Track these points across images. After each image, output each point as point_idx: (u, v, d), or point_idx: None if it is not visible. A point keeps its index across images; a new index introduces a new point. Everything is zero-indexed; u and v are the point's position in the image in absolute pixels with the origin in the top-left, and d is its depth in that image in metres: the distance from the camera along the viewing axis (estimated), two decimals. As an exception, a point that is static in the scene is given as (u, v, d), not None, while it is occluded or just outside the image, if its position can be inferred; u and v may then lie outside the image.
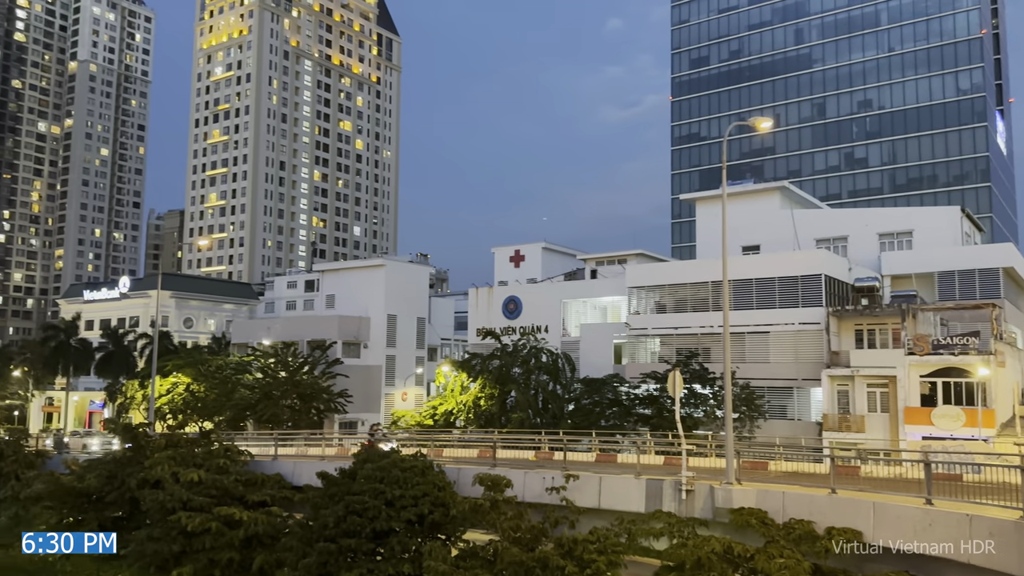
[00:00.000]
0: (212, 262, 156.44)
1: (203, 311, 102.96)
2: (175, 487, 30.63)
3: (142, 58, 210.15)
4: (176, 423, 59.41)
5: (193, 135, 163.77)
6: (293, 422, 57.54)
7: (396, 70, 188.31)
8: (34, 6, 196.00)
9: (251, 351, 70.02)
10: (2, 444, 42.32)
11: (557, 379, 52.65)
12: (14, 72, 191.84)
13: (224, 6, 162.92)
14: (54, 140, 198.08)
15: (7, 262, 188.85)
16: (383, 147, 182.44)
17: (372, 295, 77.72)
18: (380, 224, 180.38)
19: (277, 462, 37.77)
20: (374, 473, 27.91)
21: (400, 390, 77.33)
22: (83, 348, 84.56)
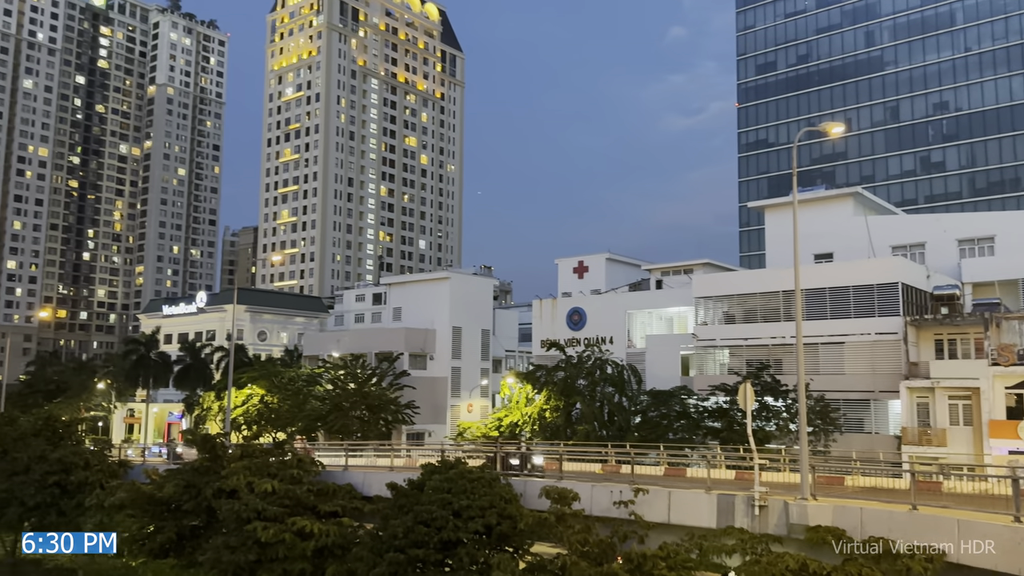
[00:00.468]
0: (284, 277, 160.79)
1: (276, 324, 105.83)
2: (250, 497, 31.45)
3: (216, 80, 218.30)
4: (251, 434, 61.04)
5: (265, 154, 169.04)
6: (362, 433, 58.48)
7: (459, 85, 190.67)
8: (116, 34, 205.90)
9: (321, 363, 71.57)
10: (88, 454, 44.17)
11: (623, 391, 52.13)
12: (97, 97, 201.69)
13: (294, 28, 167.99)
14: (135, 161, 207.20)
15: (91, 279, 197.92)
16: (447, 161, 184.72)
17: (437, 307, 78.55)
18: (445, 237, 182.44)
19: (348, 472, 38.43)
20: (441, 484, 28.14)
21: (466, 402, 77.80)
22: (162, 361, 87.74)
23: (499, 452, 34.80)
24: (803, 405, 26.60)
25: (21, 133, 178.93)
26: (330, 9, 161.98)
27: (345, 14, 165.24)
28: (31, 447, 44.00)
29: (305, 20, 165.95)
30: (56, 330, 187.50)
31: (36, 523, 42.53)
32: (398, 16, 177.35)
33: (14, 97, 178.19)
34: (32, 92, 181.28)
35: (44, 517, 41.68)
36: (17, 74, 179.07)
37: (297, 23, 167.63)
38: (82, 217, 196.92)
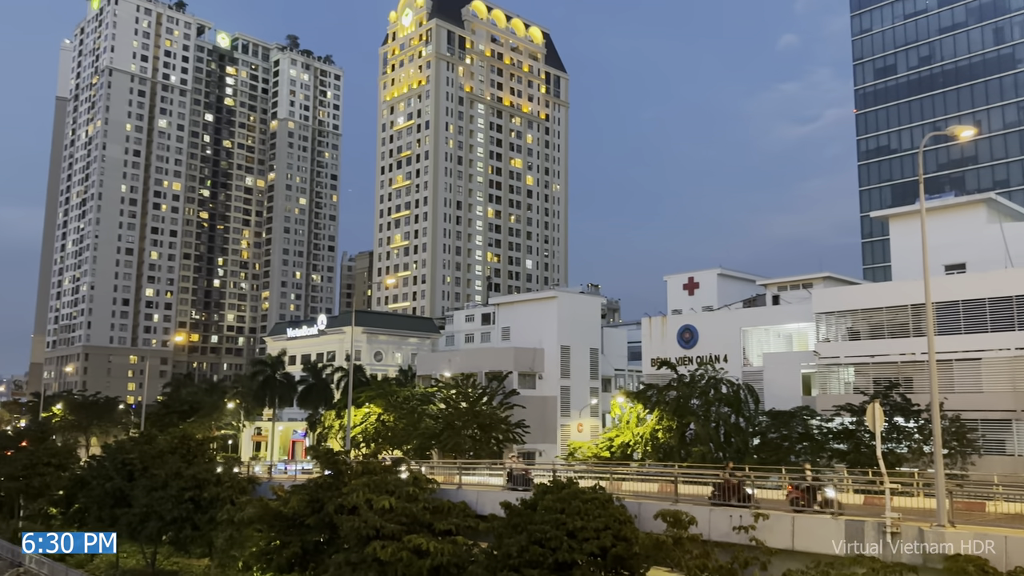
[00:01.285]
0: (398, 299, 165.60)
1: (391, 345, 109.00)
2: (369, 514, 32.33)
3: (333, 113, 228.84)
4: (369, 451, 62.86)
5: (379, 181, 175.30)
6: (475, 451, 59.13)
7: (564, 106, 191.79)
8: (240, 73, 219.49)
9: (434, 382, 73.01)
10: (219, 471, 46.60)
11: (739, 411, 50.44)
12: (225, 133, 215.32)
13: (404, 60, 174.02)
14: (259, 192, 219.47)
15: (221, 304, 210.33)
16: (552, 181, 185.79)
17: (545, 327, 78.71)
18: (551, 256, 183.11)
19: (461, 491, 38.89)
20: (555, 504, 28.03)
21: (575, 421, 77.36)
22: (287, 382, 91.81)
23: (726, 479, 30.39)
24: (937, 425, 24.95)
25: (157, 169, 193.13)
26: (438, 39, 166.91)
27: (452, 43, 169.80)
28: (168, 464, 46.82)
29: (415, 51, 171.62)
30: (190, 353, 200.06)
31: (173, 536, 45.17)
32: (503, 41, 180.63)
33: (151, 136, 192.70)
34: (166, 131, 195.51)
35: (180, 530, 44.21)
36: (153, 114, 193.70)
37: (407, 54, 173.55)
38: (212, 246, 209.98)
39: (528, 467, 41.55)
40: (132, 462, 49.11)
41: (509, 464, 40.85)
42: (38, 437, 67.87)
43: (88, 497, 50.35)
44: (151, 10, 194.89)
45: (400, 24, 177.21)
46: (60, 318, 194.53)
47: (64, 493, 58.27)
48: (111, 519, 47.21)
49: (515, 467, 39.76)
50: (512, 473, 39.29)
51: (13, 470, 60.40)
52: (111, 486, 48.21)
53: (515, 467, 39.76)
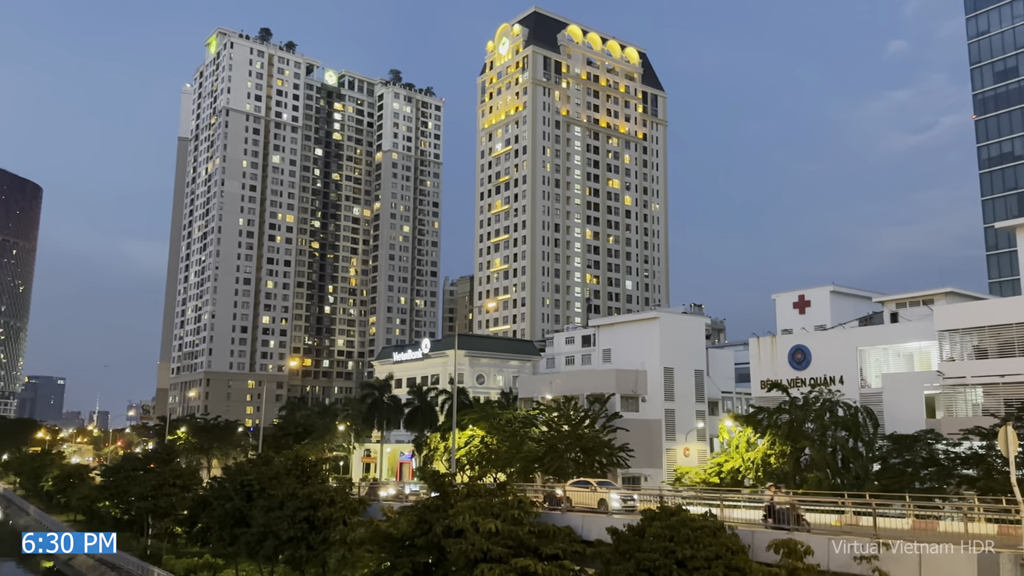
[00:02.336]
0: (499, 322, 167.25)
1: (492, 368, 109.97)
2: (476, 536, 32.53)
3: (434, 143, 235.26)
4: (475, 473, 63.36)
5: (479, 207, 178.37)
6: (578, 475, 58.57)
7: (662, 124, 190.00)
8: (347, 108, 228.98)
9: (535, 405, 73.01)
10: (332, 492, 47.98)
11: (858, 435, 48.00)
12: (333, 166, 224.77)
13: (502, 87, 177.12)
14: (366, 222, 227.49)
15: (332, 330, 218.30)
16: (651, 200, 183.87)
17: (647, 348, 77.50)
18: (651, 277, 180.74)
19: (566, 515, 38.62)
20: (663, 531, 27.42)
21: (681, 445, 75.57)
22: (394, 404, 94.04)
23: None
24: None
25: (271, 203, 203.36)
26: (534, 65, 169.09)
27: (548, 68, 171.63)
28: (284, 485, 48.53)
29: (512, 78, 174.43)
30: (303, 377, 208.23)
31: (289, 556, 46.73)
32: (599, 64, 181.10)
33: (265, 171, 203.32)
34: (279, 166, 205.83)
35: (296, 550, 45.69)
36: (267, 151, 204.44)
37: (504, 82, 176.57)
38: (323, 275, 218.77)
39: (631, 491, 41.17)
40: (251, 483, 51.16)
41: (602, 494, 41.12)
42: (164, 459, 71.80)
43: (210, 517, 52.74)
44: (263, 52, 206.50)
45: (497, 53, 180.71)
46: (184, 345, 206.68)
47: (188, 513, 61.24)
48: (231, 538, 49.30)
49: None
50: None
51: (143, 490, 64.07)
52: (231, 506, 50.33)
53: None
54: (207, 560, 57.20)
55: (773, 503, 31.75)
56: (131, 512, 67.27)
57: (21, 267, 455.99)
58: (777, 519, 30.79)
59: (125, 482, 68.00)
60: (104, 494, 72.33)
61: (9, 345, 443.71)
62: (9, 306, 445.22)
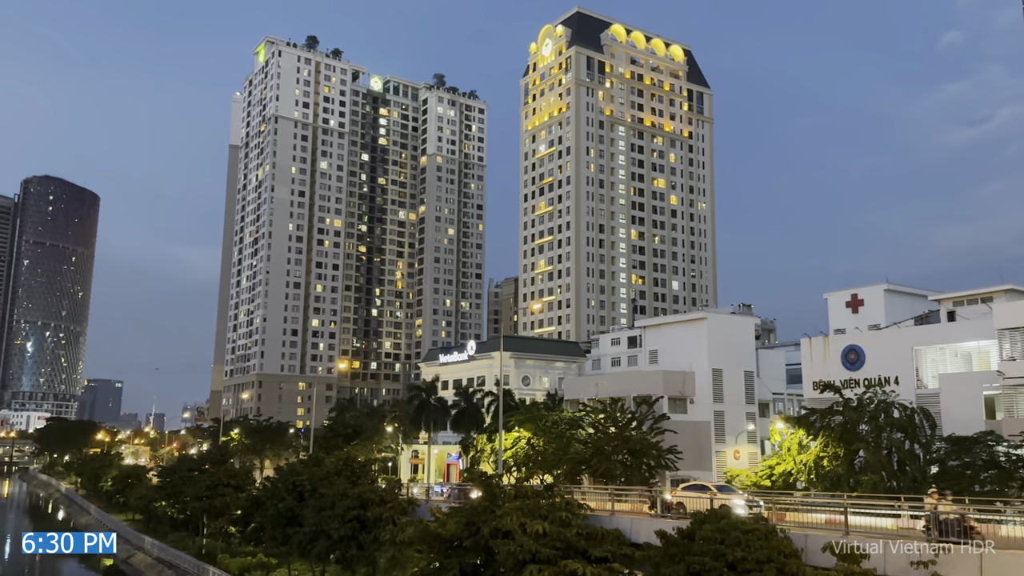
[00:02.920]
0: (543, 323, 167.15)
1: (538, 369, 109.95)
2: (524, 538, 32.59)
3: (478, 145, 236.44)
4: (521, 475, 63.40)
5: (523, 209, 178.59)
6: (625, 477, 58.18)
7: (708, 122, 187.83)
8: (392, 113, 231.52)
9: (582, 407, 72.74)
10: (382, 492, 48.52)
11: (914, 437, 46.71)
12: (379, 171, 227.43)
13: (545, 88, 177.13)
14: (411, 225, 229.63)
15: (379, 332, 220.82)
16: (697, 199, 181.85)
17: (695, 349, 76.56)
18: (698, 277, 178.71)
19: (614, 517, 38.40)
20: (713, 535, 27.12)
21: (731, 447, 74.46)
22: (441, 406, 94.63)
23: None
24: None
25: (319, 208, 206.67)
26: (577, 66, 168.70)
27: (592, 68, 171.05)
28: (334, 485, 49.25)
29: (555, 79, 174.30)
30: (352, 379, 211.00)
31: (340, 555, 47.42)
32: (643, 62, 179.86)
33: (313, 177, 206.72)
34: (327, 172, 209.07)
35: (347, 549, 46.33)
36: (315, 157, 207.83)
37: (547, 83, 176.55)
38: (370, 278, 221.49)
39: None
40: (302, 483, 52.02)
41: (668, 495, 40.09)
42: (219, 460, 73.41)
43: (263, 516, 53.80)
44: (311, 59, 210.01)
45: (540, 55, 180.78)
46: (236, 348, 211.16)
47: (242, 513, 62.60)
48: (284, 538, 50.21)
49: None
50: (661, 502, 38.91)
51: (198, 491, 65.63)
52: (283, 506, 51.24)
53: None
54: (260, 559, 58.32)
55: (936, 512, 27.65)
56: (187, 512, 68.94)
57: (80, 274, 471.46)
58: (942, 530, 26.84)
59: (181, 482, 69.75)
60: (161, 494, 74.32)
61: (69, 349, 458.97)
62: (69, 311, 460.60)
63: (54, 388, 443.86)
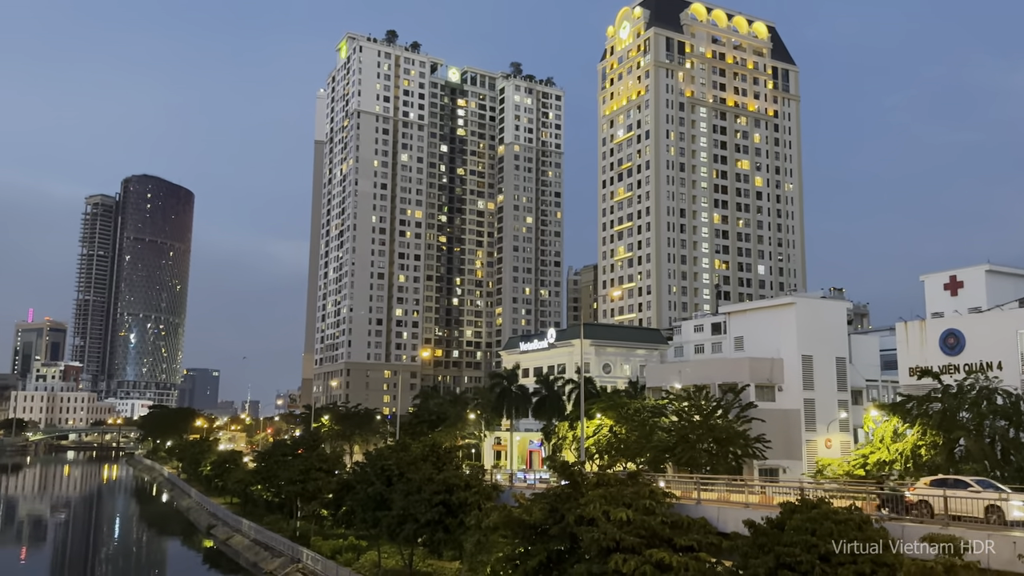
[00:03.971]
0: (624, 311, 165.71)
1: (618, 357, 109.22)
2: (608, 525, 32.52)
3: (555, 133, 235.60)
4: (604, 463, 63.27)
5: (601, 195, 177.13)
6: (711, 466, 57.31)
7: (794, 100, 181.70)
8: (470, 104, 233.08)
9: (664, 394, 71.90)
10: (467, 478, 49.29)
11: (1020, 425, 44.33)
12: (458, 162, 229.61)
13: (623, 72, 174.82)
14: (490, 215, 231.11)
15: (460, 321, 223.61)
16: (784, 180, 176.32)
17: (783, 335, 74.50)
18: (786, 260, 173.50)
19: (700, 506, 37.90)
20: (804, 524, 26.43)
21: (822, 436, 72.24)
22: (522, 393, 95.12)
23: None
24: None
25: (401, 200, 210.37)
26: (656, 47, 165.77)
27: (671, 49, 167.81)
28: (421, 470, 50.28)
29: (633, 62, 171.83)
30: (435, 367, 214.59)
31: (427, 538, 48.45)
32: (725, 41, 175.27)
33: (395, 170, 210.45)
34: (408, 164, 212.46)
35: (433, 533, 47.31)
36: (396, 150, 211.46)
37: (625, 67, 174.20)
38: (451, 267, 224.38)
39: None
40: (390, 468, 53.35)
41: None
42: (311, 445, 76.02)
43: (354, 500, 55.44)
44: (390, 54, 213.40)
45: (618, 37, 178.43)
46: (325, 338, 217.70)
47: (333, 496, 64.64)
48: (373, 521, 51.63)
49: None
50: None
51: (292, 475, 68.15)
52: (373, 490, 52.66)
53: None
54: (351, 542, 60.14)
55: None
56: (281, 495, 71.63)
57: (177, 268, 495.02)
58: None
59: (275, 467, 72.50)
60: (256, 478, 77.42)
61: (169, 340, 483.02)
62: (168, 304, 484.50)
63: (156, 377, 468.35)
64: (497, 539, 41.13)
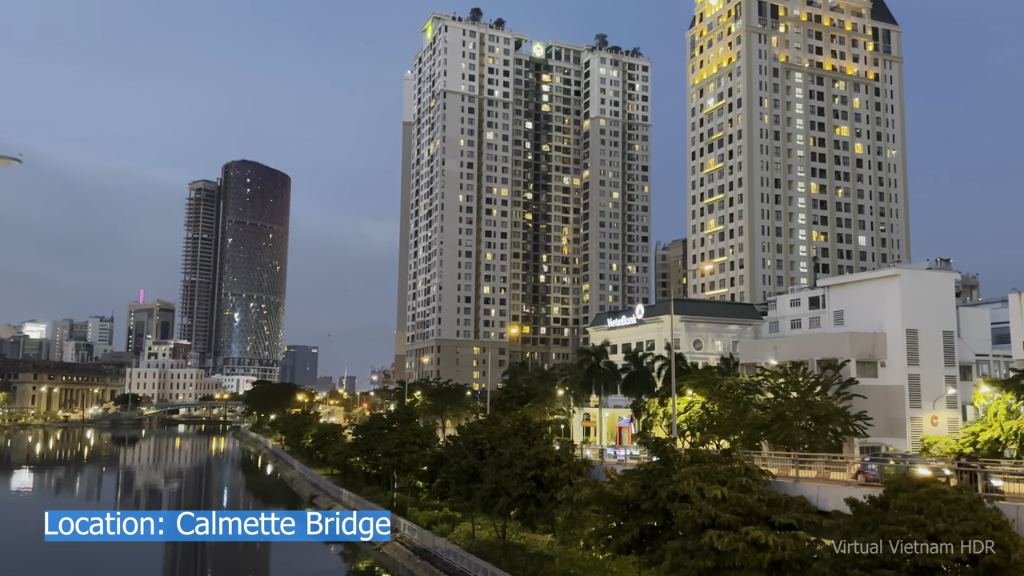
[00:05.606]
0: (715, 285, 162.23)
1: (710, 333, 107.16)
2: (702, 502, 32.16)
3: (642, 105, 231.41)
4: (696, 440, 62.47)
5: (690, 167, 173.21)
6: (809, 444, 55.75)
7: (896, 62, 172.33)
8: (554, 79, 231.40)
9: (759, 371, 70.20)
10: (558, 453, 49.70)
11: None
12: (543, 138, 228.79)
13: (712, 39, 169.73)
14: (576, 190, 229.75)
15: (547, 298, 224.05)
16: (886, 147, 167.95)
17: (886, 308, 71.42)
18: (888, 230, 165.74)
19: (798, 484, 37.01)
20: (910, 504, 25.43)
21: (928, 413, 69.10)
22: (610, 370, 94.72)
23: None
24: None
25: (487, 178, 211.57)
26: (748, 12, 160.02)
27: (764, 13, 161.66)
28: (512, 445, 50.95)
29: (723, 28, 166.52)
30: (522, 344, 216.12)
31: (519, 512, 49.16)
32: (820, 2, 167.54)
33: (480, 148, 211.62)
34: (493, 142, 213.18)
35: (525, 507, 47.95)
36: (481, 128, 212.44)
37: (715, 33, 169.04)
38: (537, 244, 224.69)
39: None
40: (481, 442, 54.30)
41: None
42: (405, 419, 78.02)
43: (447, 473, 56.73)
44: (475, 32, 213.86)
45: (707, 3, 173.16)
46: (416, 315, 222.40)
47: (427, 469, 66.42)
48: (467, 493, 52.73)
49: None
50: None
51: (388, 447, 70.23)
52: (465, 463, 53.76)
53: None
54: (446, 513, 61.68)
55: None
56: (378, 467, 73.96)
57: (276, 249, 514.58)
58: None
59: (372, 440, 74.84)
60: (355, 451, 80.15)
61: (270, 319, 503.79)
62: (268, 284, 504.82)
63: (259, 354, 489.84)
64: (589, 514, 41.37)
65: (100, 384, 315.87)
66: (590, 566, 45.22)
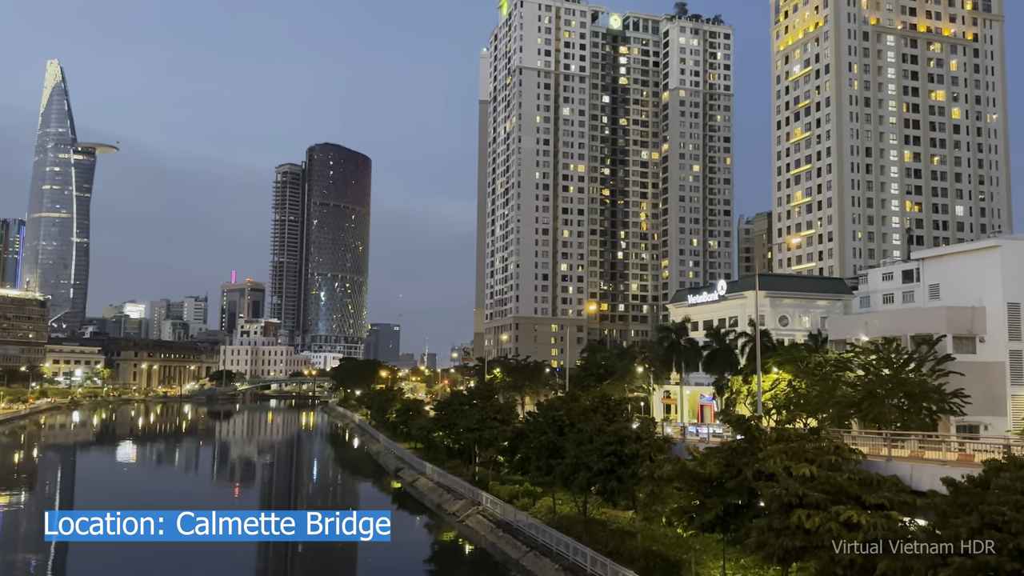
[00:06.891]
0: (802, 260, 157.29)
1: (796, 309, 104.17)
2: (789, 481, 31.49)
3: (723, 74, 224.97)
4: (782, 418, 61.09)
5: (775, 137, 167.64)
6: (902, 423, 53.78)
7: (997, 20, 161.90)
8: (632, 51, 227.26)
9: (849, 347, 67.93)
10: (638, 430, 49.52)
11: None
12: (620, 112, 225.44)
13: (798, 3, 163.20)
14: (654, 165, 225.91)
15: (625, 275, 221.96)
16: (985, 111, 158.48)
17: (986, 281, 67.86)
18: (988, 200, 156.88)
19: (891, 463, 35.83)
20: (1014, 484, 24.24)
21: (1033, 391, 65.54)
22: (691, 347, 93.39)
23: None
24: None
25: (564, 155, 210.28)
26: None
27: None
28: (591, 421, 51.13)
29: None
30: (600, 321, 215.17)
31: (600, 487, 49.28)
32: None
33: (556, 124, 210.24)
34: (569, 118, 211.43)
35: (606, 482, 48.02)
36: (557, 104, 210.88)
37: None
38: (614, 221, 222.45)
39: None
40: (561, 419, 54.64)
41: None
42: (485, 396, 79.11)
43: (528, 448, 57.35)
44: (551, 6, 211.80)
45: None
46: (494, 293, 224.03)
47: (508, 444, 67.28)
48: (547, 468, 53.21)
49: None
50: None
51: (469, 423, 71.43)
52: (545, 439, 54.23)
53: None
54: (527, 487, 62.39)
55: None
56: (460, 442, 75.32)
57: (359, 230, 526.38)
58: None
59: (454, 415, 76.22)
60: (437, 425, 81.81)
61: (354, 297, 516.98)
62: (352, 264, 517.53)
63: (344, 332, 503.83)
64: (671, 491, 41.12)
65: (196, 361, 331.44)
66: (672, 543, 45.03)
